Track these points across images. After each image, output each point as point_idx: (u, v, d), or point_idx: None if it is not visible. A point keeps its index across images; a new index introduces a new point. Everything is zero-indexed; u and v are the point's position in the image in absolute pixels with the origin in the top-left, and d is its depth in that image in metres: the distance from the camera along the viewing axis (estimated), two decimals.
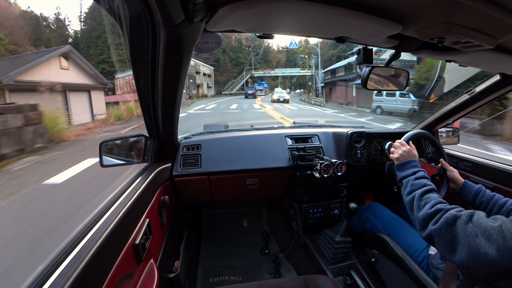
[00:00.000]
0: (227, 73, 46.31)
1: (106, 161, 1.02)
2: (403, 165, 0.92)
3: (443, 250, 0.66)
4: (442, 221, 0.66)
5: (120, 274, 0.59)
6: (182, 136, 1.46)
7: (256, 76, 45.00)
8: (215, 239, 1.88)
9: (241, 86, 41.43)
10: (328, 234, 1.32)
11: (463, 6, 0.48)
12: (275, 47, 60.77)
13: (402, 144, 0.99)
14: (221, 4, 0.55)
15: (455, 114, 1.38)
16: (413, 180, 0.84)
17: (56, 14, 45.73)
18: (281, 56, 58.66)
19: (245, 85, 40.30)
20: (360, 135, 1.40)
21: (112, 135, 7.33)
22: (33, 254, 2.00)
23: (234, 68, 48.14)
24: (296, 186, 1.37)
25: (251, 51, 52.83)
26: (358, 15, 0.57)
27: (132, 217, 0.72)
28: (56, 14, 50.05)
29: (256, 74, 45.66)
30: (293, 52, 54.63)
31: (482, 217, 0.62)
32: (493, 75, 1.11)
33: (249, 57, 51.42)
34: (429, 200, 0.75)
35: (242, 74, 44.56)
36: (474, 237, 0.59)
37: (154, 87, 0.82)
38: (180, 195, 1.33)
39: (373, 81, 0.98)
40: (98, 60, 29.45)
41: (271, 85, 45.57)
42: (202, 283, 1.48)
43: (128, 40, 0.66)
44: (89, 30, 34.80)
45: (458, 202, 1.23)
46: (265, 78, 46.17)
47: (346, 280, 1.21)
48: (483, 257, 0.57)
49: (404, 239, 1.11)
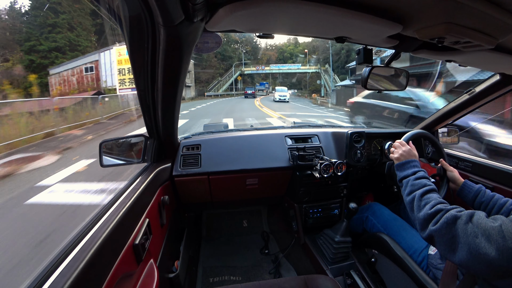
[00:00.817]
0: (212, 69, 36.95)
1: (106, 161, 1.02)
2: (403, 165, 0.92)
3: (443, 250, 0.66)
4: (442, 221, 0.66)
5: (120, 274, 0.59)
6: (182, 136, 1.46)
7: (247, 73, 38.44)
8: (215, 239, 1.88)
9: (229, 86, 35.49)
10: (328, 234, 1.32)
11: (463, 6, 0.48)
12: (263, 45, 52.82)
13: (402, 144, 0.99)
14: (221, 4, 0.55)
15: (455, 114, 1.38)
16: (413, 180, 0.84)
17: None
18: (272, 53, 52.71)
19: (234, 84, 35.71)
20: (360, 135, 1.40)
21: None
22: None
23: (221, 63, 39.61)
24: (296, 186, 1.37)
25: (240, 47, 44.82)
26: (358, 15, 0.57)
27: (132, 217, 0.72)
28: None
29: (247, 71, 38.29)
30: (282, 50, 50.93)
31: (482, 217, 0.62)
32: (493, 75, 1.11)
33: (238, 51, 43.42)
34: (429, 200, 0.75)
35: (231, 71, 36.54)
36: (474, 237, 0.59)
37: (154, 87, 0.82)
38: (180, 195, 1.33)
39: (373, 81, 0.98)
40: (25, 49, 19.42)
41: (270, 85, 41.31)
42: (202, 283, 1.48)
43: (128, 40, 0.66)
44: (9, 3, 22.63)
45: (458, 203, 1.23)
46: (256, 76, 40.67)
47: (346, 280, 1.21)
48: (483, 257, 0.57)
49: (404, 239, 1.11)
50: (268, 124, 8.76)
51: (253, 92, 29.05)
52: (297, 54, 47.33)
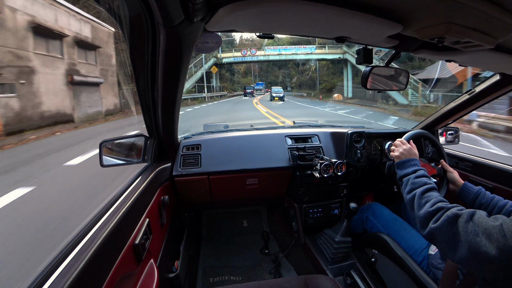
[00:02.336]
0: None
1: (106, 161, 1.02)
2: (403, 163, 0.92)
3: (443, 249, 0.66)
4: (443, 219, 0.66)
5: (120, 274, 0.59)
6: (182, 136, 1.46)
7: (226, 61, 24.77)
8: (215, 239, 1.88)
9: (197, 81, 20.43)
10: (328, 234, 1.32)
11: (463, 6, 0.48)
12: (238, 39, 39.15)
13: (402, 142, 0.99)
14: (221, 4, 0.55)
15: (455, 114, 1.38)
16: (414, 179, 0.84)
17: None
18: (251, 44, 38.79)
19: (206, 80, 21.36)
20: (360, 135, 1.40)
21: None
22: None
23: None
24: (296, 186, 1.37)
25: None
26: (358, 15, 0.57)
27: (132, 217, 0.72)
28: None
29: (226, 58, 24.52)
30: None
31: (483, 216, 0.62)
32: (493, 75, 1.11)
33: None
34: (430, 198, 0.75)
35: (200, 57, 20.94)
36: (475, 235, 0.59)
37: (154, 87, 0.82)
38: (180, 195, 1.33)
39: (373, 81, 0.98)
40: None
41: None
42: (202, 283, 1.48)
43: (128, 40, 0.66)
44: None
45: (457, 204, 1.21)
46: (242, 69, 29.50)
47: (346, 280, 1.21)
48: (483, 255, 0.57)
49: (404, 239, 1.11)
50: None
51: (252, 91, 27.48)
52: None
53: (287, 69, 33.54)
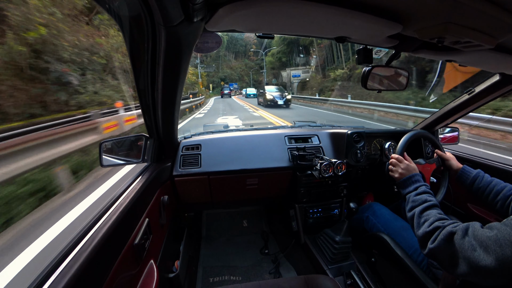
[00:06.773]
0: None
1: (106, 161, 1.02)
2: (404, 182, 0.92)
3: (445, 266, 0.67)
4: (440, 238, 0.67)
5: (120, 274, 0.59)
6: (182, 136, 1.46)
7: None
8: (215, 239, 1.88)
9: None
10: (328, 234, 1.32)
11: (463, 6, 0.48)
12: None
13: (399, 160, 0.99)
14: (221, 4, 0.55)
15: (455, 114, 1.38)
16: (414, 196, 0.84)
17: None
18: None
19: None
20: (360, 135, 1.40)
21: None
22: None
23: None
24: (296, 186, 1.37)
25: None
26: (358, 15, 0.57)
27: (132, 217, 0.72)
28: None
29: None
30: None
31: (477, 228, 0.62)
32: (492, 75, 1.11)
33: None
34: (428, 217, 0.75)
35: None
36: (473, 250, 0.59)
37: (154, 87, 0.82)
38: (180, 195, 1.33)
39: (373, 81, 0.98)
40: None
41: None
42: (202, 283, 1.48)
43: (128, 40, 0.66)
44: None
45: (457, 194, 1.23)
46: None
47: (346, 280, 1.21)
48: (483, 269, 0.57)
49: (404, 239, 1.11)
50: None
51: (229, 92, 31.78)
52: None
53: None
